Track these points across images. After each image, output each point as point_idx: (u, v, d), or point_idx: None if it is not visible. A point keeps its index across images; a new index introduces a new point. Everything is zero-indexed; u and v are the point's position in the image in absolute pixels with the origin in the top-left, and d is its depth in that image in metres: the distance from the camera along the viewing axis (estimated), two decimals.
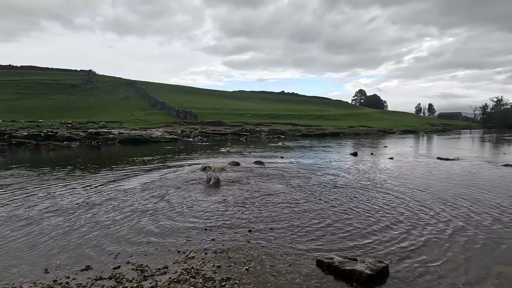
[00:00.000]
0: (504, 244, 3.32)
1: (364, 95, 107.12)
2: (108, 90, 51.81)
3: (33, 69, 66.15)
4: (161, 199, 5.15)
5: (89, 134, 19.59)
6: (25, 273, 2.68)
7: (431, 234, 3.60)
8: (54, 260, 2.92)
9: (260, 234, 3.59)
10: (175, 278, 2.58)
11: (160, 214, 4.31)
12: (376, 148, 16.51)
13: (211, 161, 10.10)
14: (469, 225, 3.90)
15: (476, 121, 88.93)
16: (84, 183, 6.44)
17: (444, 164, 9.68)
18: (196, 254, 3.05)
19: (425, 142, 23.64)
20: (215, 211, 4.45)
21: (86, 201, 5.00)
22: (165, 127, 26.27)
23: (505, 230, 3.73)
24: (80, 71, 69.63)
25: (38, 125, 22.45)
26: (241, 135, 24.91)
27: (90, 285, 2.49)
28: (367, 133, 35.00)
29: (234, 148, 15.39)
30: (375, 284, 2.52)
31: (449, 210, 4.54)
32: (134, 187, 6.09)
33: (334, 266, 2.71)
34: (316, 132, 30.45)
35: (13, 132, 17.93)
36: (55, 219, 4.11)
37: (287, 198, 5.24)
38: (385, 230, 3.71)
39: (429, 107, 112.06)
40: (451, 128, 59.50)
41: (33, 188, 6.00)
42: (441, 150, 14.95)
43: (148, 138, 19.54)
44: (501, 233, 3.64)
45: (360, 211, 4.51)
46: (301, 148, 15.95)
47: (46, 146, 15.96)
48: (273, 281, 2.56)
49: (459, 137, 30.54)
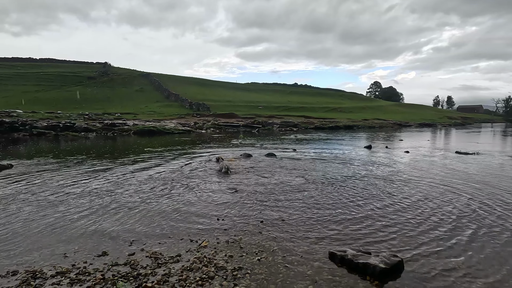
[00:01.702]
0: None
1: (380, 87, 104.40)
2: (123, 82, 52.67)
3: (52, 61, 67.94)
4: (174, 188, 5.23)
5: (105, 125, 20.06)
6: (45, 257, 2.79)
7: (450, 230, 3.48)
8: (72, 245, 3.03)
9: (272, 225, 3.59)
10: (188, 266, 2.61)
11: (173, 203, 4.37)
12: (391, 141, 16.12)
13: (223, 153, 10.15)
14: (491, 222, 3.75)
15: (498, 114, 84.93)
16: (100, 173, 6.61)
17: (463, 158, 9.34)
18: (209, 243, 3.09)
19: (443, 135, 22.88)
20: (228, 202, 4.47)
21: (101, 190, 5.13)
22: (178, 119, 26.56)
23: None
24: (96, 63, 70.91)
25: (57, 116, 23.16)
26: (254, 127, 24.87)
27: (106, 270, 2.56)
28: (382, 126, 34.21)
29: (246, 140, 15.40)
30: (389, 279, 2.47)
31: (472, 206, 4.38)
32: (149, 177, 6.20)
33: (347, 259, 2.67)
34: (329, 124, 30.01)
35: (34, 122, 18.59)
36: (74, 204, 4.25)
37: (300, 190, 5.21)
38: (400, 224, 3.62)
39: (448, 100, 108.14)
40: (471, 122, 57.30)
41: (54, 176, 6.21)
42: (460, 144, 14.43)
43: (161, 130, 19.83)
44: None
45: (374, 204, 4.42)
46: (313, 141, 15.78)
47: (65, 137, 16.48)
48: (284, 272, 2.56)
49: (479, 131, 29.39)
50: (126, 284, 2.35)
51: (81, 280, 2.41)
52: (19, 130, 17.06)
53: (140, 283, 2.36)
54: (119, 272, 2.53)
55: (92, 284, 2.35)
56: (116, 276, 2.46)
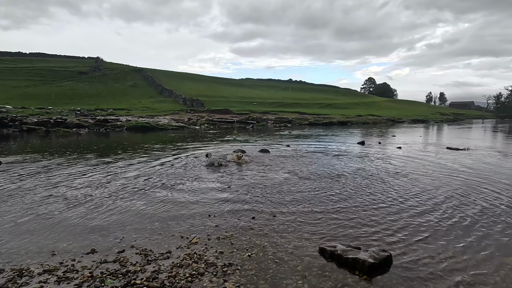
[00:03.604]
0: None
1: (374, 83, 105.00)
2: (116, 77, 51.95)
3: (43, 56, 66.60)
4: (165, 185, 5.19)
5: (97, 121, 19.80)
6: (33, 255, 2.75)
7: (435, 224, 3.53)
8: (61, 243, 2.99)
9: (263, 220, 3.59)
10: (178, 263, 2.60)
11: (164, 200, 4.34)
12: (385, 137, 16.26)
13: (217, 149, 10.11)
14: (476, 215, 3.82)
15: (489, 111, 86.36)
16: (91, 169, 6.53)
17: (453, 154, 9.47)
18: (199, 239, 3.08)
19: (435, 131, 23.16)
20: (220, 198, 4.46)
21: (91, 186, 5.07)
22: (172, 115, 26.34)
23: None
24: (88, 58, 69.81)
25: (48, 112, 22.77)
26: (248, 123, 24.83)
27: (95, 267, 2.53)
28: (375, 122, 34.45)
29: (240, 136, 15.37)
30: (378, 273, 2.49)
31: (455, 199, 4.45)
32: (141, 173, 6.15)
33: (336, 254, 2.69)
34: (324, 121, 30.12)
35: (24, 118, 18.24)
36: (63, 202, 4.19)
37: (291, 185, 5.22)
38: (388, 219, 3.66)
39: (440, 96, 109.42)
40: (462, 118, 58.10)
41: (43, 173, 6.11)
42: (451, 140, 14.62)
43: (155, 126, 19.65)
44: (508, 225, 3.55)
45: (363, 199, 4.46)
46: (307, 137, 15.83)
47: (56, 133, 16.22)
48: (274, 267, 2.57)
49: (470, 127, 29.82)
50: (115, 282, 2.33)
51: (68, 278, 2.38)
52: (9, 126, 16.72)
53: (129, 280, 2.34)
54: (108, 269, 2.50)
55: (80, 282, 2.32)
56: (105, 273, 2.44)
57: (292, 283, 2.35)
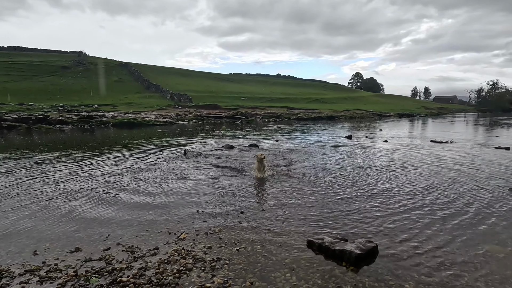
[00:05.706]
0: (492, 223, 3.37)
1: (361, 78, 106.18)
2: (100, 72, 50.53)
3: (22, 50, 63.91)
4: (152, 180, 5.11)
5: (82, 117, 19.23)
6: (13, 255, 2.66)
7: (420, 214, 3.63)
8: (43, 242, 2.90)
9: (252, 215, 3.59)
10: (165, 259, 2.57)
11: (151, 195, 4.27)
12: (371, 131, 16.52)
13: (204, 144, 10.03)
14: (458, 204, 3.94)
15: (471, 105, 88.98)
16: (74, 165, 6.35)
17: (437, 146, 9.73)
18: (188, 235, 3.05)
19: (420, 125, 23.72)
20: (209, 193, 4.43)
21: (75, 183, 4.94)
22: (159, 111, 25.90)
23: (491, 210, 3.78)
24: (71, 52, 67.44)
25: (29, 108, 21.97)
26: (237, 119, 24.71)
27: (79, 266, 2.47)
28: (363, 116, 34.95)
29: (229, 132, 15.28)
30: (364, 264, 2.54)
31: (440, 190, 4.58)
32: (126, 169, 6.02)
33: (324, 246, 2.73)
34: (312, 115, 30.31)
35: (3, 115, 17.52)
36: (45, 200, 4.06)
37: (279, 179, 5.24)
38: (374, 210, 3.73)
39: (425, 91, 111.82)
40: (446, 112, 59.63)
41: (23, 171, 5.90)
42: (435, 134, 15.01)
43: (142, 122, 19.29)
44: (489, 213, 3.69)
45: (351, 191, 4.52)
46: (296, 132, 15.90)
47: (38, 130, 15.67)
48: (263, 261, 2.58)
49: (453, 121, 30.69)
50: (100, 280, 2.28)
51: (51, 277, 2.31)
52: None
53: (115, 278, 2.30)
54: (93, 267, 2.45)
55: (64, 281, 2.26)
56: (90, 272, 2.38)
57: (280, 275, 2.37)
